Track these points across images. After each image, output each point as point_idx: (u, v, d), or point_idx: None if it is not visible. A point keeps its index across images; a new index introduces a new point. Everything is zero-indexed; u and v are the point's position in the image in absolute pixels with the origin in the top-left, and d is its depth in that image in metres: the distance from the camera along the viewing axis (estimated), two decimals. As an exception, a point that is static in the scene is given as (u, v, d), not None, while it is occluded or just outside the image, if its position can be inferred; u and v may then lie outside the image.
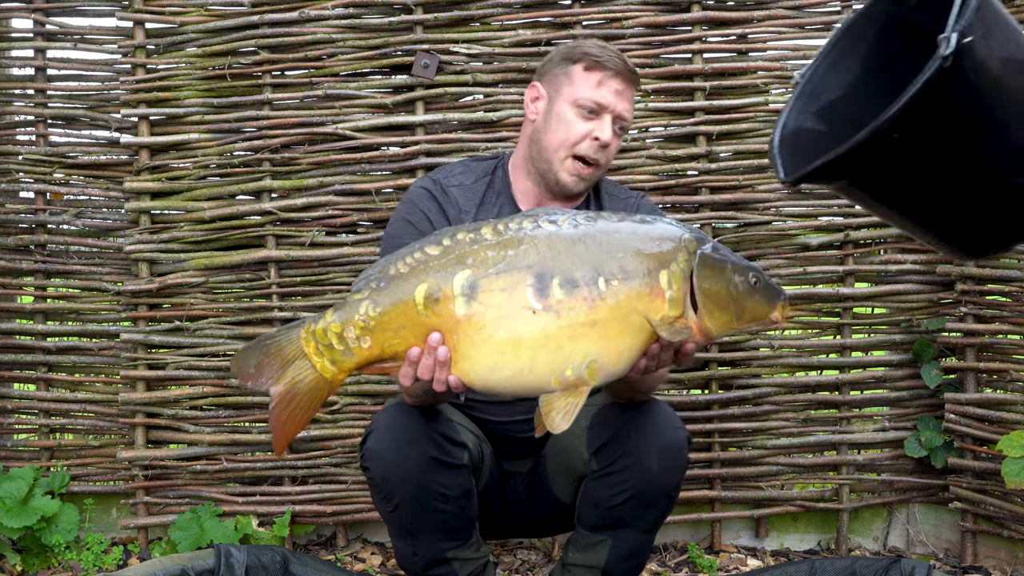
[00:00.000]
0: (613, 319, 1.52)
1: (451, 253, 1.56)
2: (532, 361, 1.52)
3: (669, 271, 1.54)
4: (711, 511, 2.85)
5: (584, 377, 1.53)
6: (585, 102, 2.00)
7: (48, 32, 2.90)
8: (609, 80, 2.01)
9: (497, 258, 1.53)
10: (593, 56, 2.01)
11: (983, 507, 2.69)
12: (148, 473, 2.84)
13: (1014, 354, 2.67)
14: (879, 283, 2.87)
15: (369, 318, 1.56)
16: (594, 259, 1.53)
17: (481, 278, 1.52)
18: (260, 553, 2.18)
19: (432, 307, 1.54)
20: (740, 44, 2.82)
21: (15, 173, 2.91)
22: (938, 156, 1.26)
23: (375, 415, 1.95)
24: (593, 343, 1.52)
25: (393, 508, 1.92)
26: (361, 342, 1.57)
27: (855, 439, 2.84)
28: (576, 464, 2.00)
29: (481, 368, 1.54)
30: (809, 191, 2.86)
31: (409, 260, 1.57)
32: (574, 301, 1.51)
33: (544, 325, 1.50)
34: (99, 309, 2.93)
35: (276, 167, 2.83)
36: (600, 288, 1.51)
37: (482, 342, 1.52)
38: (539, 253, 1.53)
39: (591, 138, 2.00)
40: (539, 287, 1.51)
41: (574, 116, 2.01)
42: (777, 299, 1.60)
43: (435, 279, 1.54)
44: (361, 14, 2.82)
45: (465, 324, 1.53)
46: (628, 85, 2.03)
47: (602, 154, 2.03)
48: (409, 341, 1.56)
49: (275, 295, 2.83)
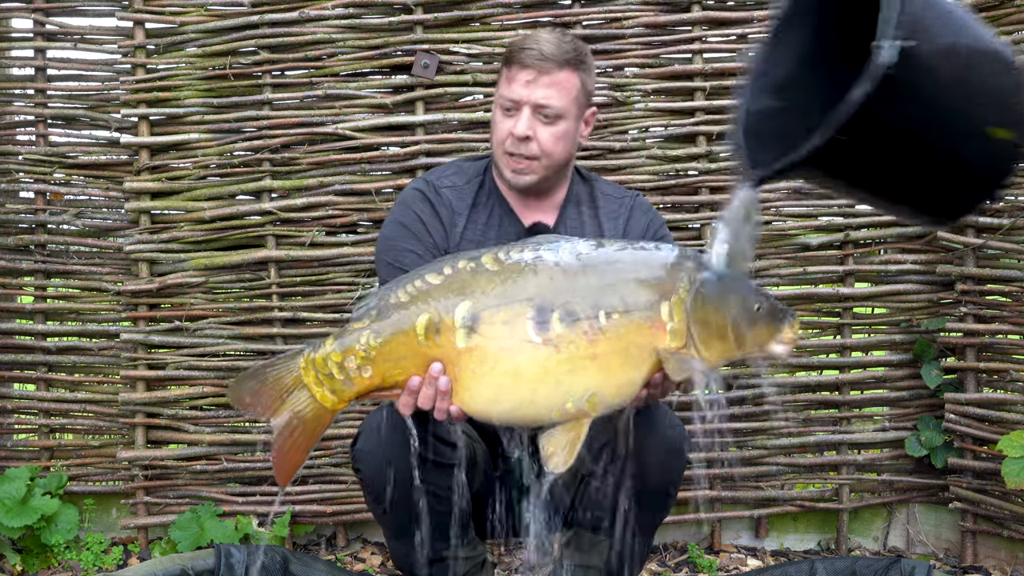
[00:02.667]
0: (613, 352, 1.50)
1: (452, 282, 1.54)
2: (532, 394, 1.51)
3: (670, 303, 1.51)
4: (711, 511, 2.85)
5: (584, 410, 1.52)
6: (503, 101, 2.01)
7: (48, 32, 2.90)
8: (518, 73, 1.98)
9: (498, 289, 1.52)
10: (511, 52, 2.00)
11: (983, 507, 2.69)
12: (148, 473, 2.84)
13: (1014, 354, 2.67)
14: (879, 283, 2.87)
15: (370, 347, 1.55)
16: (594, 291, 1.51)
17: (482, 310, 1.51)
18: (260, 553, 2.18)
19: (433, 338, 1.52)
20: (740, 44, 2.82)
21: (15, 173, 2.91)
22: (891, 145, 1.26)
23: (366, 416, 1.96)
24: (593, 376, 1.50)
25: (384, 508, 1.92)
26: (362, 372, 1.56)
27: (855, 439, 2.84)
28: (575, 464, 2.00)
29: (481, 400, 1.54)
30: (809, 191, 2.86)
31: (410, 289, 1.55)
32: (574, 335, 1.49)
33: (544, 359, 1.49)
34: (99, 309, 2.93)
35: (276, 167, 2.83)
36: (600, 321, 1.49)
37: (483, 374, 1.51)
38: (539, 285, 1.51)
39: (510, 135, 2.00)
40: (539, 320, 1.49)
41: (500, 116, 2.02)
42: (782, 324, 1.55)
43: (436, 309, 1.52)
44: (361, 14, 2.82)
45: (466, 356, 1.51)
46: (540, 72, 1.97)
47: (526, 147, 1.99)
48: (410, 371, 1.55)
49: (275, 295, 2.83)
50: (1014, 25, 2.61)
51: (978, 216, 2.67)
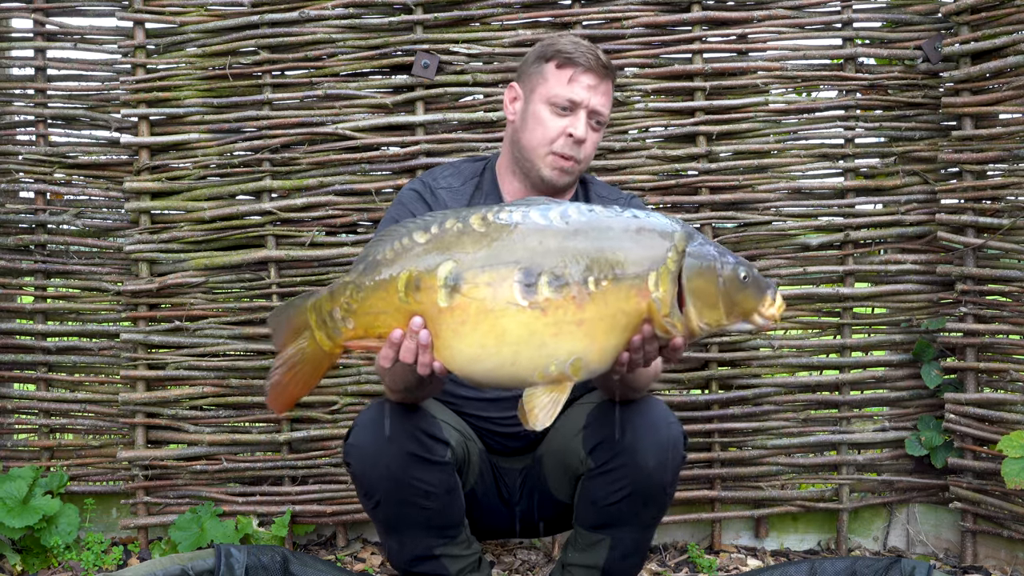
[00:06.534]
0: (599, 318, 1.52)
1: (438, 241, 1.56)
2: (515, 356, 1.52)
3: (658, 271, 1.53)
4: (711, 511, 2.85)
5: (567, 373, 1.53)
6: (558, 100, 2.01)
7: (48, 32, 2.90)
8: (581, 76, 2.01)
9: (484, 250, 1.53)
10: (565, 53, 2.02)
11: (983, 507, 2.68)
12: (148, 473, 2.84)
13: (1014, 354, 2.67)
14: (879, 283, 2.87)
15: (351, 300, 1.60)
16: (583, 256, 1.52)
17: (466, 270, 1.53)
18: (260, 553, 2.19)
19: (413, 295, 1.55)
20: (740, 44, 2.82)
21: (15, 173, 2.91)
22: None
23: (359, 412, 1.96)
24: (578, 341, 1.52)
25: (375, 504, 1.94)
26: (346, 322, 1.61)
27: (855, 439, 2.84)
28: (573, 463, 2.01)
29: (462, 358, 1.55)
30: (809, 191, 2.86)
31: (396, 246, 1.59)
32: (562, 299, 1.51)
33: (529, 322, 1.51)
34: (99, 309, 2.93)
35: (276, 167, 2.83)
36: (589, 287, 1.51)
37: (465, 334, 1.53)
38: (528, 247, 1.53)
39: (566, 135, 2.01)
40: (527, 283, 1.51)
41: (549, 114, 2.02)
42: (766, 292, 1.58)
43: (418, 267, 1.55)
44: (361, 14, 2.82)
45: (447, 314, 1.54)
46: (601, 79, 2.03)
47: (579, 150, 2.03)
48: (391, 325, 1.58)
49: (275, 295, 2.83)
50: (1014, 25, 2.60)
51: (978, 216, 2.67)
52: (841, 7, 2.82)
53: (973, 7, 2.66)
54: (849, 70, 2.82)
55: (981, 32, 2.65)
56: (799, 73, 2.82)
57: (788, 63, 2.83)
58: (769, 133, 2.84)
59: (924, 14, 2.82)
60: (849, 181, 2.83)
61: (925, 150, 2.82)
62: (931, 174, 2.83)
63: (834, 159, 2.84)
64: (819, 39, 2.84)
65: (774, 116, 2.84)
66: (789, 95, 2.85)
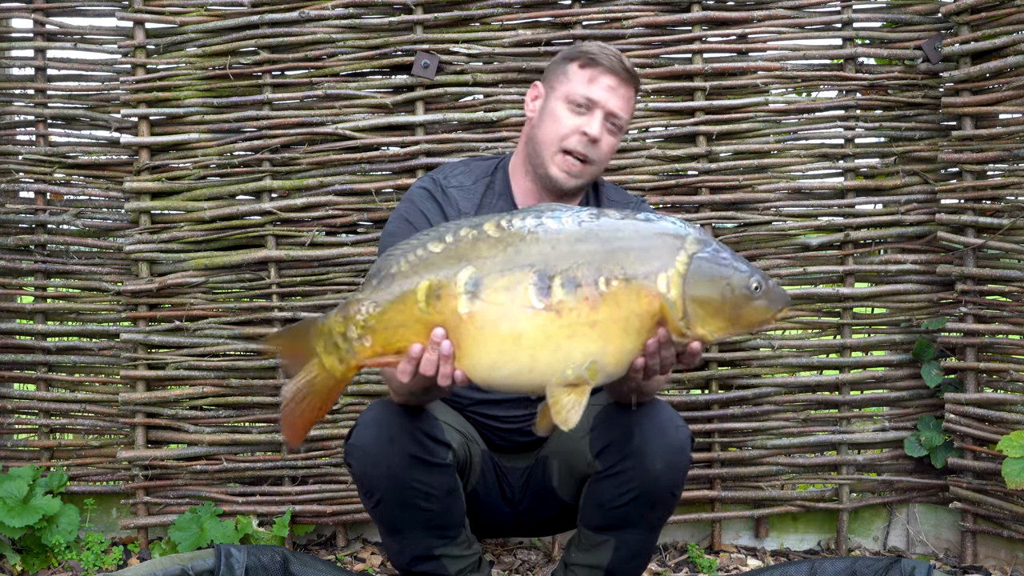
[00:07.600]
0: (613, 320, 1.52)
1: (454, 249, 1.56)
2: (532, 360, 1.52)
3: (668, 273, 1.53)
4: (711, 511, 2.85)
5: (584, 377, 1.53)
6: (576, 97, 2.01)
7: (48, 32, 2.90)
8: (601, 76, 2.01)
9: (500, 255, 1.54)
10: (589, 54, 2.02)
11: (983, 507, 2.68)
12: (148, 473, 2.84)
13: (1014, 354, 2.67)
14: (879, 283, 2.87)
15: (369, 317, 1.58)
16: (596, 258, 1.52)
17: (485, 276, 1.53)
18: (260, 553, 2.19)
19: (434, 304, 1.55)
20: (740, 44, 2.82)
21: (15, 173, 2.91)
22: None
23: (361, 412, 1.96)
24: (593, 343, 1.52)
25: (375, 504, 1.94)
26: (363, 341, 1.59)
27: (855, 439, 2.84)
28: (580, 465, 2.00)
29: (482, 365, 1.55)
30: (809, 191, 2.86)
31: (411, 258, 1.58)
32: (575, 301, 1.51)
33: (544, 324, 1.51)
34: (99, 309, 2.93)
35: (276, 167, 2.83)
36: (601, 288, 1.51)
37: (484, 340, 1.53)
38: (541, 251, 1.53)
39: (579, 133, 2.00)
40: (541, 286, 1.51)
41: (565, 111, 2.02)
42: (777, 305, 1.57)
43: (437, 276, 1.55)
44: (361, 14, 2.82)
45: (468, 321, 1.53)
46: (623, 83, 2.03)
47: (592, 150, 2.02)
48: (410, 339, 1.57)
49: (275, 295, 2.82)
50: (1014, 25, 2.60)
51: (978, 216, 2.67)
52: (841, 7, 2.82)
53: (973, 7, 2.66)
54: (849, 70, 2.82)
55: (981, 32, 2.65)
56: (799, 73, 2.82)
57: (788, 63, 2.83)
58: (769, 133, 2.84)
59: (924, 14, 2.82)
60: (849, 181, 2.83)
61: (925, 150, 2.82)
62: (931, 174, 2.83)
63: (834, 159, 2.84)
64: (819, 39, 2.84)
65: (774, 116, 2.84)
66: (789, 95, 2.85)
